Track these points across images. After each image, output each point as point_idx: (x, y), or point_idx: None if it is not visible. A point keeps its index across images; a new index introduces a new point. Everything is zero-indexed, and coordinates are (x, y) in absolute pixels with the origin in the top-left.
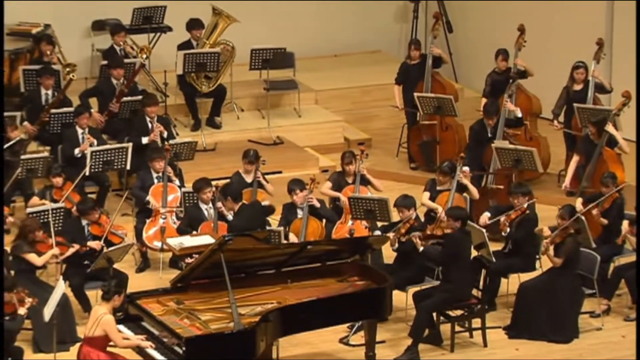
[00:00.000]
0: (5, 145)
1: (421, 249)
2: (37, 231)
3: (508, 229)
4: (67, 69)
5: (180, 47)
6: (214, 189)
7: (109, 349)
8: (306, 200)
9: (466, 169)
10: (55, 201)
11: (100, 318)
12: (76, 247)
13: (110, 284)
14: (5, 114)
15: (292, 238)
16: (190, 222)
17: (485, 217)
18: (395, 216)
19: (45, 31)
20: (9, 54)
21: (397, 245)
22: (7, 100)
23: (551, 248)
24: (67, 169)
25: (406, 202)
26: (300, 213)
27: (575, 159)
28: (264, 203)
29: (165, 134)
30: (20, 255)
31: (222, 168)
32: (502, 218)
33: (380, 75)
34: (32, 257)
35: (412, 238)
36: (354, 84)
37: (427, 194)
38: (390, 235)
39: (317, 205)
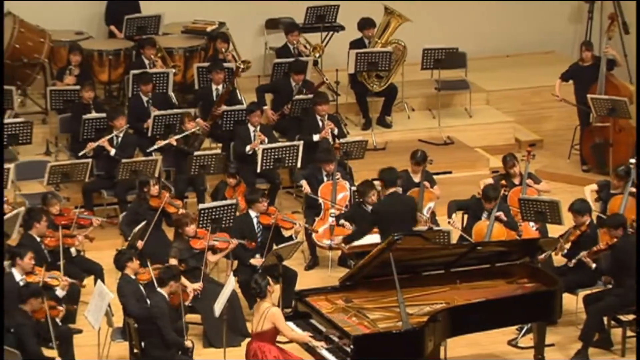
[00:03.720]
0: (180, 135)
1: (593, 266)
2: (186, 226)
3: None
4: (242, 66)
5: (352, 45)
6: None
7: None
8: (497, 205)
9: None
10: (225, 199)
11: (266, 312)
12: (235, 242)
13: (258, 283)
14: (179, 110)
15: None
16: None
17: None
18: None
19: (219, 29)
20: (184, 51)
21: (565, 251)
22: (182, 97)
23: None
24: (241, 166)
25: (581, 207)
26: (485, 214)
27: None
28: (430, 204)
29: (335, 131)
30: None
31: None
32: None
33: (552, 76)
34: (172, 262)
35: (582, 259)
36: (526, 84)
37: (593, 186)
38: (561, 240)
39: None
